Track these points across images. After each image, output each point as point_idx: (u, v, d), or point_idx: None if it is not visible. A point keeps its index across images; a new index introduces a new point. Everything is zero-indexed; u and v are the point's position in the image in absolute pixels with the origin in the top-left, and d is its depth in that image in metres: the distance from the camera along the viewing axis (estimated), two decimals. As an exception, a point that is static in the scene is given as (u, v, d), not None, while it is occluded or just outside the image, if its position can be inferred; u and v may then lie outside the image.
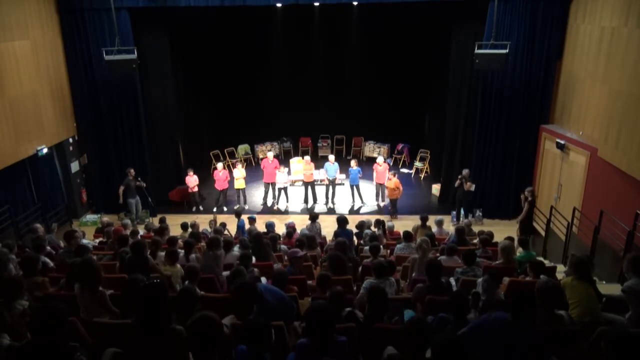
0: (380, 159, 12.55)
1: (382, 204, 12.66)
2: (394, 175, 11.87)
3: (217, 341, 2.88)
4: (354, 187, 12.56)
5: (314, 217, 9.04)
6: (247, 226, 9.38)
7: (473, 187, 11.34)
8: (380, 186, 12.55)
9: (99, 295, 4.41)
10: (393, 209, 12.07)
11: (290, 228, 8.93)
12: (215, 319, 2.90)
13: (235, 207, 12.45)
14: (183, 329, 3.25)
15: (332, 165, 12.66)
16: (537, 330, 3.30)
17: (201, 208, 12.56)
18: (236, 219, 9.91)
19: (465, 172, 11.35)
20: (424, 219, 8.97)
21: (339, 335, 3.28)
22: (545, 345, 3.30)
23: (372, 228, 9.14)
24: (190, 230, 8.73)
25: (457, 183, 11.43)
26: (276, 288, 4.41)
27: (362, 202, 12.72)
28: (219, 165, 12.56)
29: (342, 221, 8.20)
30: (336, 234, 8.02)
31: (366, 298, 4.20)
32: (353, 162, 12.46)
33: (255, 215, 9.81)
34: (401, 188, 11.93)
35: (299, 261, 6.01)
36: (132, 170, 11.44)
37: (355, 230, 8.78)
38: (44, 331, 2.96)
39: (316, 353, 3.11)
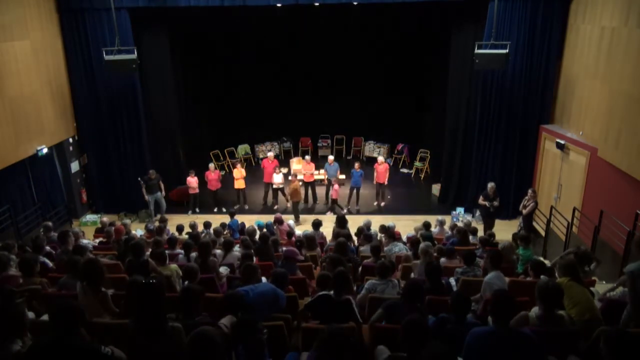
0: (380, 158, 12.54)
1: (382, 204, 12.64)
2: (295, 177, 11.72)
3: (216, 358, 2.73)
4: (355, 190, 12.45)
5: (317, 224, 8.94)
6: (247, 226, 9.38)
7: (497, 202, 10.36)
8: (380, 185, 12.53)
9: (102, 296, 4.40)
10: (294, 213, 11.81)
11: (277, 220, 8.99)
12: (213, 335, 2.74)
13: (235, 207, 12.45)
14: (181, 326, 3.24)
15: (331, 165, 12.66)
16: (527, 333, 3.25)
17: (197, 210, 12.54)
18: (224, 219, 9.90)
19: (490, 186, 10.39)
20: (426, 226, 8.58)
21: None
22: (544, 345, 3.29)
23: (379, 234, 8.75)
24: (185, 231, 8.70)
25: (481, 200, 10.41)
26: (262, 285, 4.44)
27: (357, 204, 12.60)
28: (211, 166, 12.52)
29: (341, 220, 8.18)
30: (335, 234, 8.00)
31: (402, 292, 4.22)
32: (356, 165, 12.39)
33: (263, 222, 9.56)
34: (301, 193, 11.84)
35: (293, 262, 6.00)
36: (151, 172, 11.55)
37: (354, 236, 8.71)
38: (66, 329, 2.94)
39: None
